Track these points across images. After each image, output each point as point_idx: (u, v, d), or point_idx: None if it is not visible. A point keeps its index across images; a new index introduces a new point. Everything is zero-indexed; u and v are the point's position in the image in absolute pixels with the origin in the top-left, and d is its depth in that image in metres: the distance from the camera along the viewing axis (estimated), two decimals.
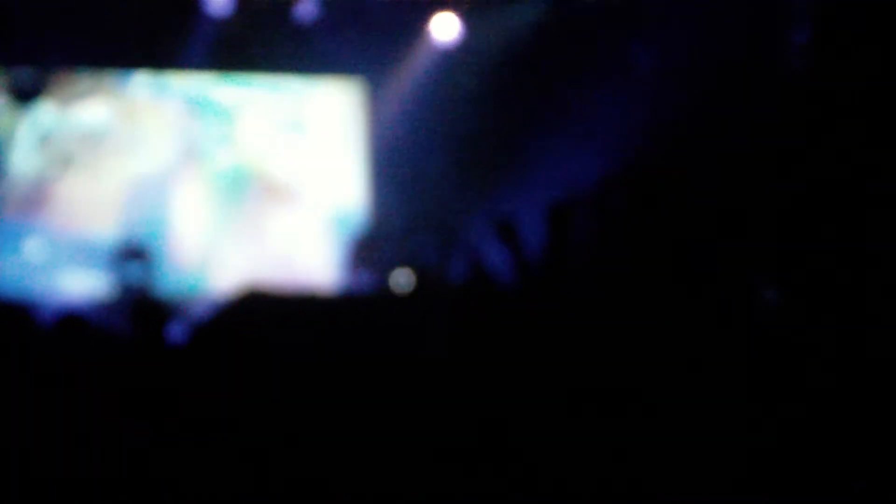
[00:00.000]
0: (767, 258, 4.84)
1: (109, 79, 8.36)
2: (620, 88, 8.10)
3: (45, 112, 8.13)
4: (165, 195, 8.33)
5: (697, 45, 7.76)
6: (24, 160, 8.09)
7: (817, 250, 4.70)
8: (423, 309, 3.81)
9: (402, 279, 6.57)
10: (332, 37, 8.46)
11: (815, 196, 6.08)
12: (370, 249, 7.55)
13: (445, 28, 8.62)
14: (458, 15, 8.61)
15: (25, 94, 8.01)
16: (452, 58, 8.66)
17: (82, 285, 7.74)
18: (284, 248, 8.50)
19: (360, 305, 4.13)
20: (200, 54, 8.35)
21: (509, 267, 4.53)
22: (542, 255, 4.82)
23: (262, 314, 3.77)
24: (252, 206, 8.50)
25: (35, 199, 8.11)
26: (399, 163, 8.57)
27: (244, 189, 8.51)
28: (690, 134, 7.73)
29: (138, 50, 8.18)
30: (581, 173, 7.67)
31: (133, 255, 6.58)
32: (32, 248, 7.91)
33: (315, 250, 8.53)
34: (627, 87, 8.09)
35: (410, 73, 8.68)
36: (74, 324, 3.64)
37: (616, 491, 3.29)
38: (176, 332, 4.15)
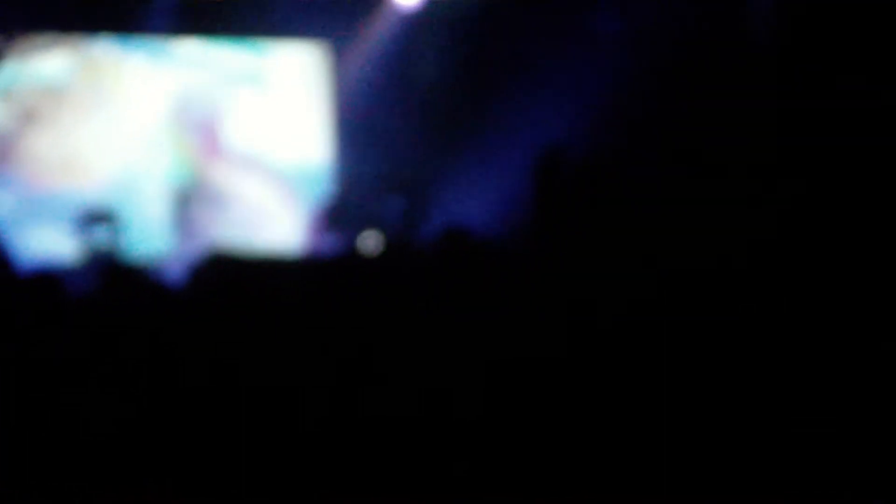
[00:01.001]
0: (736, 217, 4.87)
1: (72, 38, 8.33)
2: (586, 51, 8.11)
3: (7, 67, 8.09)
4: (130, 155, 8.33)
5: (662, 8, 7.78)
6: None
7: (787, 213, 4.74)
8: (391, 270, 3.83)
9: (369, 241, 6.59)
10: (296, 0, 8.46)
11: (781, 158, 6.11)
12: (337, 212, 7.56)
13: None
14: None
15: None
16: (417, 19, 8.65)
17: (49, 243, 7.72)
18: (250, 210, 8.50)
19: (327, 268, 4.14)
20: (164, 18, 8.32)
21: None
22: (529, 205, 4.83)
23: (229, 277, 3.78)
24: (216, 169, 8.49)
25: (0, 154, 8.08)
26: (365, 125, 8.57)
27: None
28: (654, 97, 7.76)
29: (101, 14, 8.15)
30: (546, 134, 7.69)
31: (98, 219, 6.57)
32: None
33: (280, 211, 8.53)
34: (593, 50, 8.10)
35: (375, 35, 8.67)
36: (45, 283, 3.64)
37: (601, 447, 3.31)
38: (143, 295, 4.15)
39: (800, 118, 6.39)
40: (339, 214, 7.48)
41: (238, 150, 8.52)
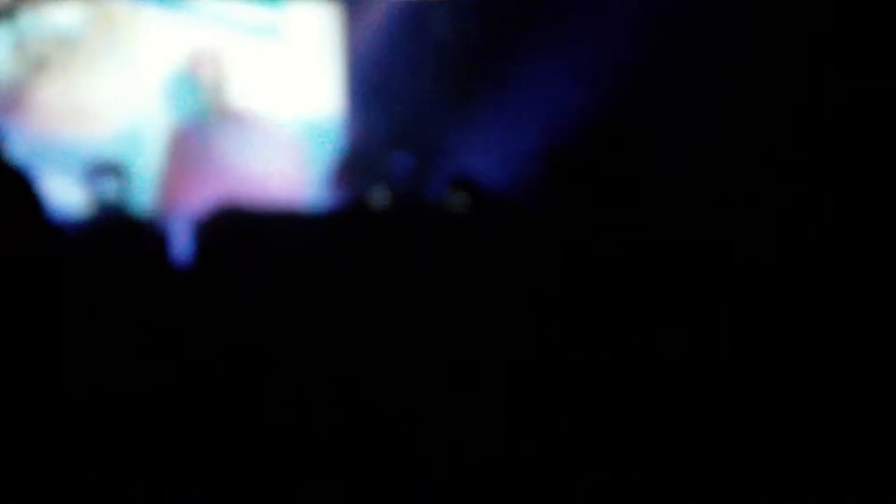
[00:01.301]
0: (749, 188, 4.82)
1: None
2: (602, 11, 8.07)
3: (20, 17, 8.07)
4: (142, 107, 8.31)
5: None
6: (1, 63, 8.05)
7: (800, 180, 4.69)
8: (400, 225, 3.82)
9: (378, 196, 6.57)
10: None
11: (796, 128, 6.06)
12: (347, 167, 7.53)
13: None
14: None
15: (4, 13, 7.96)
16: None
17: (58, 193, 7.71)
18: (259, 163, 8.47)
19: (335, 221, 4.13)
20: None
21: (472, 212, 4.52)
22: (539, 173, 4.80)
23: (238, 231, 3.77)
24: (228, 121, 8.46)
25: (11, 102, 8.06)
26: (377, 81, 8.53)
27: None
28: (669, 69, 7.73)
29: None
30: (562, 95, 7.66)
31: (108, 171, 6.54)
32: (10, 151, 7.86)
33: (290, 165, 8.51)
34: (609, 10, 8.06)
35: None
36: (54, 234, 3.63)
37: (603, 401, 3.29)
38: (153, 249, 4.14)
39: (821, 102, 6.35)
40: (349, 170, 7.46)
41: (250, 103, 8.49)
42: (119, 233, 4.21)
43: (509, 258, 3.65)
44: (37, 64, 8.10)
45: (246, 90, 8.49)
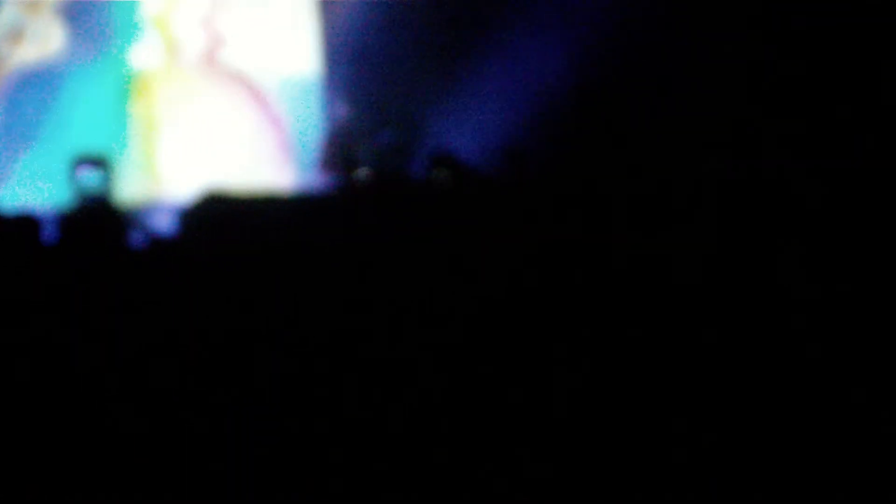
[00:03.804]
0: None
1: None
2: None
3: None
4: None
5: None
6: None
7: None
8: (384, 205, 3.78)
9: (362, 176, 6.54)
10: None
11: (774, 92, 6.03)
12: (331, 150, 7.49)
13: None
14: None
15: None
16: None
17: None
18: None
19: (321, 204, 4.10)
20: None
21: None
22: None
23: (224, 218, 3.73)
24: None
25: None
26: (355, 53, 8.44)
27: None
28: (648, 30, 7.71)
29: None
30: (545, 65, 7.64)
31: (91, 163, 6.52)
32: None
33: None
34: None
35: None
36: (29, 225, 3.59)
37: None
38: (137, 238, 4.10)
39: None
40: (333, 152, 7.42)
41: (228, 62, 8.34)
42: (101, 222, 4.16)
43: (493, 232, 3.61)
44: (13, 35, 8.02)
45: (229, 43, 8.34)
